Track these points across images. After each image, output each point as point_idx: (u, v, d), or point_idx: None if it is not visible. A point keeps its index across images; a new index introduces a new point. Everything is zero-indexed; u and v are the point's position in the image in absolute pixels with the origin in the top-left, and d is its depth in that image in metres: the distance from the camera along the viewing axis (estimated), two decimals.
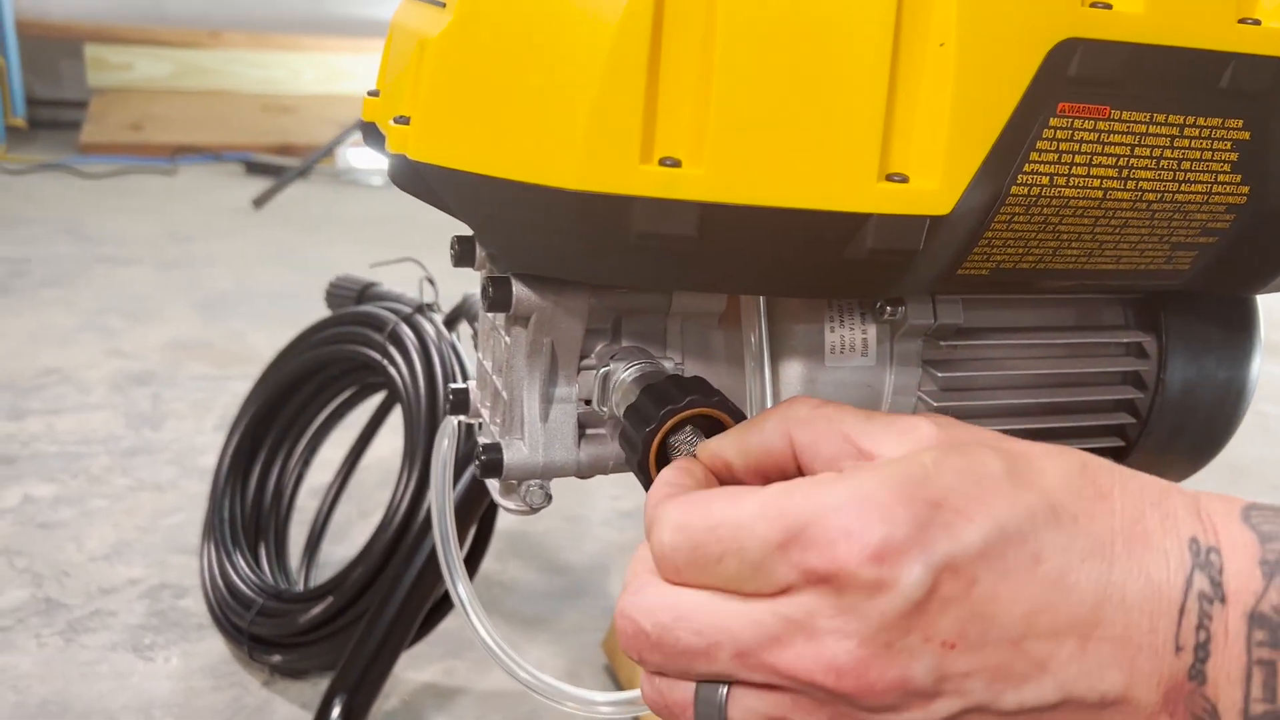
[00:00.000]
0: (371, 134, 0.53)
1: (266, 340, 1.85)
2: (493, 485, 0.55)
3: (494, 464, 0.51)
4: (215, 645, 1.05)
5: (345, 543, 1.22)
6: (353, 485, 1.20)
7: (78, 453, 1.43)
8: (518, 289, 0.48)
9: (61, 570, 1.16)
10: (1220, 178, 0.48)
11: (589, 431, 0.53)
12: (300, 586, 1.08)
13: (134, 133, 3.58)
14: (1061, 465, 0.34)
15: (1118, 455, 0.60)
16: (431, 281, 1.07)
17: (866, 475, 0.32)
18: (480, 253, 0.53)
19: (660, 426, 0.44)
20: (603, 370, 0.51)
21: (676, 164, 0.40)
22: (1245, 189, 0.48)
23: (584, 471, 0.53)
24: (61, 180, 3.12)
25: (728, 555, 0.32)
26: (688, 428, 0.43)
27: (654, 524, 0.35)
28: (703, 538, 0.33)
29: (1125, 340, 0.58)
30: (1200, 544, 0.32)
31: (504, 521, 1.28)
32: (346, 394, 1.13)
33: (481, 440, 0.53)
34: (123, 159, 3.41)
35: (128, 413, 1.57)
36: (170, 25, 3.91)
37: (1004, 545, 0.31)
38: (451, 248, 0.54)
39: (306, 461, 1.14)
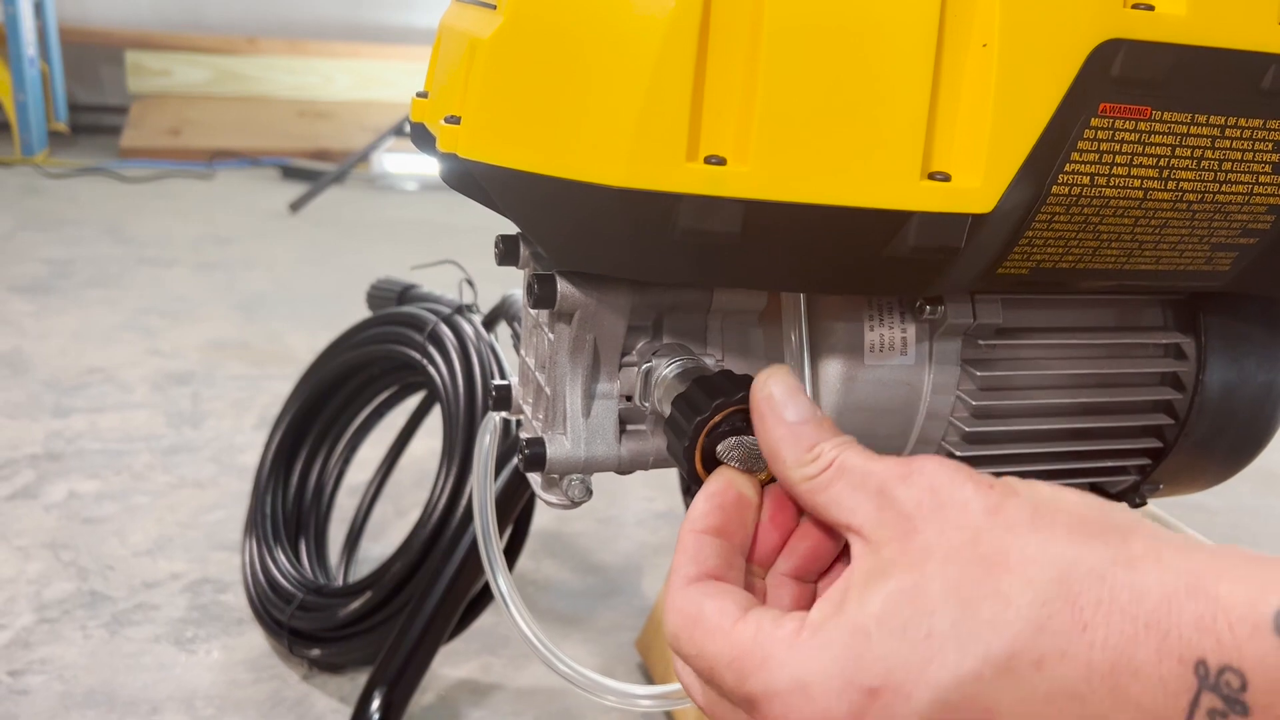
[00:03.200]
0: (421, 134, 0.54)
1: (304, 341, 1.88)
2: (535, 479, 0.56)
3: (537, 458, 0.52)
4: (255, 639, 1.06)
5: (383, 540, 1.24)
6: (390, 485, 1.21)
7: (120, 450, 1.46)
8: (562, 286, 0.49)
9: (106, 564, 1.18)
10: (1261, 178, 0.48)
11: (630, 427, 0.54)
12: (339, 582, 1.09)
13: (172, 138, 3.63)
14: (1035, 589, 0.31)
15: (1156, 456, 0.60)
16: (470, 283, 1.08)
17: (812, 653, 0.33)
18: (524, 251, 0.54)
19: (711, 416, 0.44)
20: (644, 367, 0.52)
21: (722, 162, 0.41)
22: None
23: (624, 466, 0.54)
24: (102, 184, 3.17)
25: (709, 680, 0.36)
26: (733, 439, 0.43)
27: (665, 609, 0.37)
28: (689, 656, 0.36)
29: (1164, 341, 0.58)
30: (1209, 666, 0.29)
31: (538, 522, 1.29)
32: (387, 393, 1.14)
33: (524, 435, 0.54)
34: (162, 163, 3.46)
35: (168, 411, 1.60)
36: (208, 32, 3.97)
37: (948, 713, 0.31)
38: (496, 246, 0.55)
39: (347, 459, 1.15)
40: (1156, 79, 0.44)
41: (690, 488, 0.48)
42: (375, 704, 0.82)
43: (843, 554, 0.40)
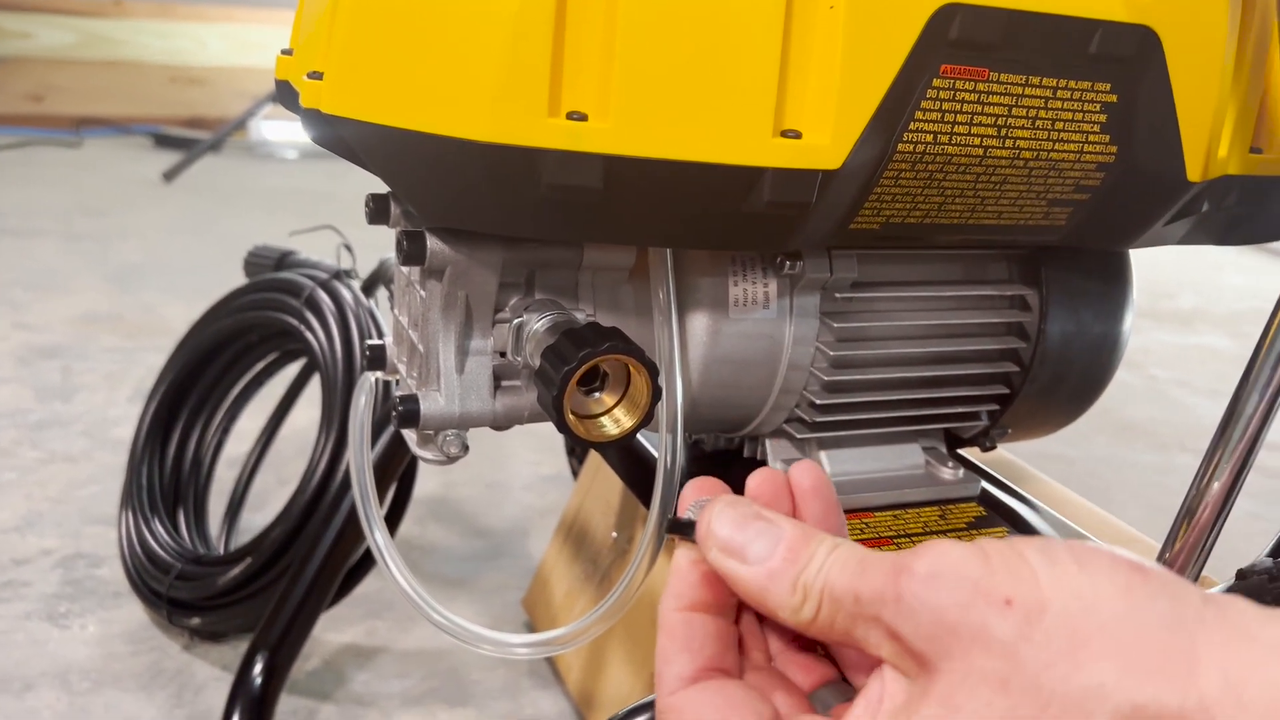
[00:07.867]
0: (286, 92, 0.54)
1: (180, 313, 1.83)
2: (410, 436, 0.56)
3: (411, 414, 0.53)
4: (134, 612, 1.04)
5: (264, 510, 1.22)
6: (271, 455, 1.20)
7: None
8: (432, 242, 0.50)
9: None
10: (1091, 137, 0.51)
11: (504, 383, 0.55)
12: (220, 551, 1.08)
13: (35, 104, 3.47)
14: None
15: (1004, 402, 0.64)
16: (349, 248, 1.07)
17: None
18: (395, 209, 0.55)
19: (579, 367, 0.46)
20: (516, 322, 0.53)
21: (583, 118, 0.42)
22: (1114, 148, 0.52)
23: (499, 422, 0.55)
24: None
25: None
26: (695, 504, 0.36)
27: (661, 714, 0.33)
28: None
29: (1009, 293, 0.62)
30: None
31: (423, 487, 1.29)
32: (265, 361, 1.13)
33: (399, 393, 0.55)
34: (24, 130, 3.31)
35: (36, 386, 1.54)
36: None
37: None
38: (366, 205, 0.55)
39: (226, 429, 1.13)
40: (992, 42, 0.47)
41: (573, 448, 0.50)
42: (258, 668, 0.82)
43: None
